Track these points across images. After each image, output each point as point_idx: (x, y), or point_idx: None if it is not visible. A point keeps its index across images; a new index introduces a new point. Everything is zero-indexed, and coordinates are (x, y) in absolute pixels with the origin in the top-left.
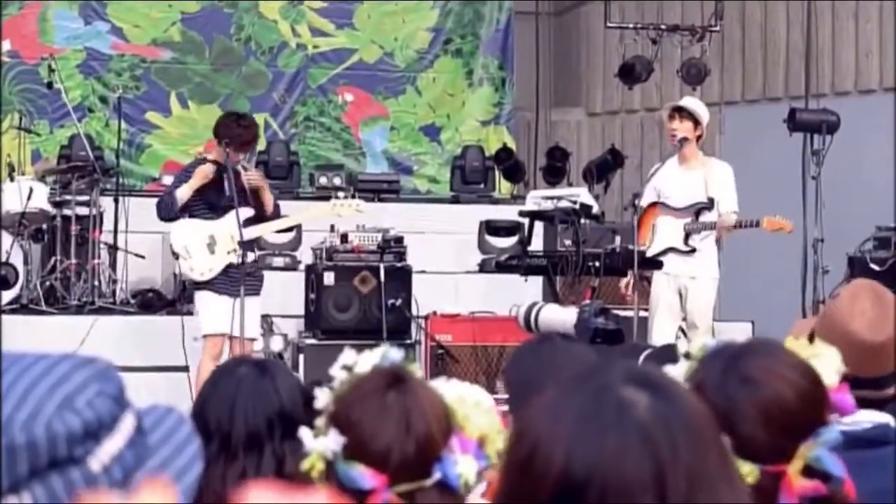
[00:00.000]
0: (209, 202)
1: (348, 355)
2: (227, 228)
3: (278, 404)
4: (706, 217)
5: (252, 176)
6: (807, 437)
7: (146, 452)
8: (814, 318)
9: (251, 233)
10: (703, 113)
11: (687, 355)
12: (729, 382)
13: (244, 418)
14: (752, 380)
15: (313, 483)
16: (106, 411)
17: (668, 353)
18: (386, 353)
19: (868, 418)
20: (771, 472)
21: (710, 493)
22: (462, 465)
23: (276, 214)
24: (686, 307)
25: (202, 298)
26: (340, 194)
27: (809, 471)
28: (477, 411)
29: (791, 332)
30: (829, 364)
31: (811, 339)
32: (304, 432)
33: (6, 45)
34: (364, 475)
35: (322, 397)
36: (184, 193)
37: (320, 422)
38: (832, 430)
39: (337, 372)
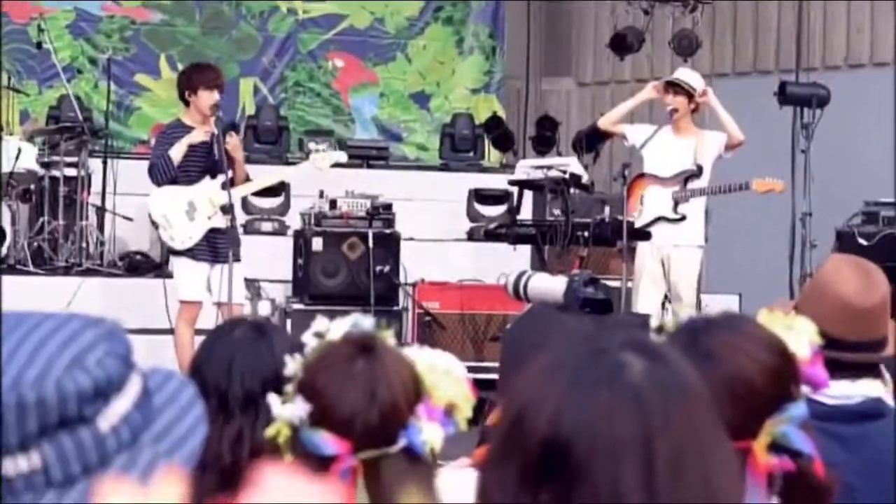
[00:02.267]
0: (192, 166)
1: (320, 322)
2: (206, 193)
3: (274, 366)
4: (694, 184)
5: (233, 143)
6: (772, 412)
7: (152, 414)
8: (792, 301)
9: (234, 194)
10: (696, 84)
11: (660, 329)
12: (692, 357)
13: (241, 379)
14: (715, 355)
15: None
16: (115, 371)
17: (639, 322)
18: (357, 321)
19: (859, 391)
20: (737, 449)
21: (698, 461)
22: (427, 433)
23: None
24: (670, 278)
25: (180, 264)
26: (320, 146)
27: (777, 448)
28: (446, 379)
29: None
30: (802, 336)
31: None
32: (273, 399)
33: None
34: (327, 441)
35: (291, 365)
36: (177, 154)
37: (289, 388)
38: (799, 406)
39: (308, 339)
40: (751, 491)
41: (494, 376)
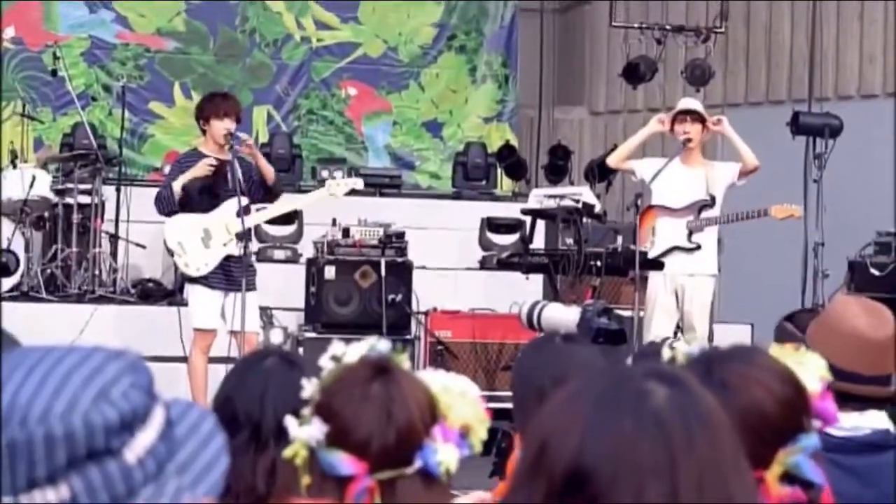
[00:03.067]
0: (207, 193)
1: (337, 346)
2: (222, 219)
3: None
4: (709, 213)
5: (247, 145)
6: (786, 443)
7: (175, 445)
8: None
9: (249, 221)
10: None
11: (671, 361)
12: (707, 388)
13: (274, 409)
14: (730, 385)
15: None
16: (140, 403)
17: (652, 350)
18: (373, 345)
19: (867, 424)
20: None
21: (721, 486)
22: (443, 454)
23: (278, 184)
24: (683, 308)
25: (194, 291)
26: (337, 174)
27: (789, 478)
28: (461, 401)
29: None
30: (813, 371)
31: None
32: (290, 420)
33: (10, 32)
34: (344, 462)
35: (308, 387)
36: (179, 185)
37: (306, 411)
38: (811, 437)
39: (325, 362)
40: None
41: (507, 405)
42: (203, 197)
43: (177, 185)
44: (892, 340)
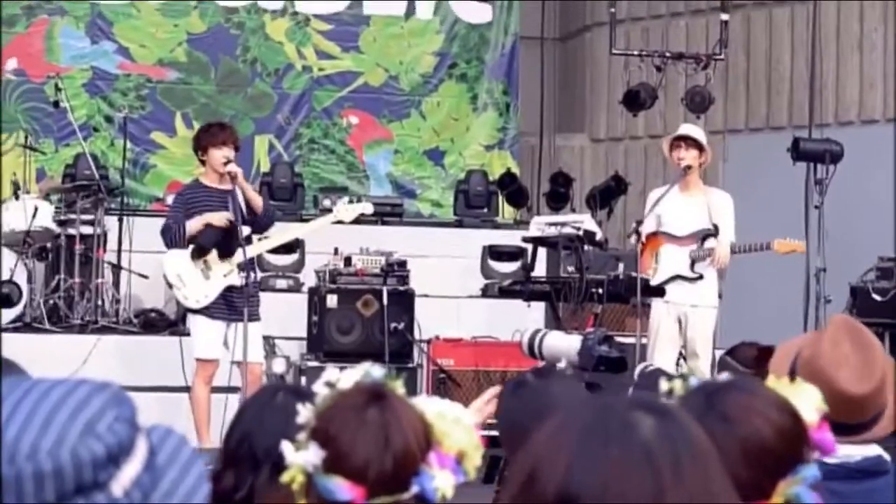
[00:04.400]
0: (210, 230)
1: (331, 372)
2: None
3: None
4: (711, 244)
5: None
6: (786, 474)
7: (157, 473)
8: (795, 343)
9: (251, 251)
10: (703, 138)
11: (670, 392)
12: (708, 419)
13: None
14: (731, 417)
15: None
16: (125, 436)
17: (654, 379)
18: (368, 371)
19: (859, 452)
20: None
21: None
22: (439, 480)
23: (267, 210)
24: (686, 335)
25: (196, 322)
26: (343, 199)
27: None
28: (456, 427)
29: (774, 358)
30: (809, 402)
31: (792, 375)
32: (286, 446)
33: (13, 64)
34: (342, 488)
35: (304, 413)
36: (194, 228)
37: (301, 436)
38: (811, 467)
39: (319, 388)
40: None
41: None
42: (205, 229)
43: (191, 226)
44: (878, 388)
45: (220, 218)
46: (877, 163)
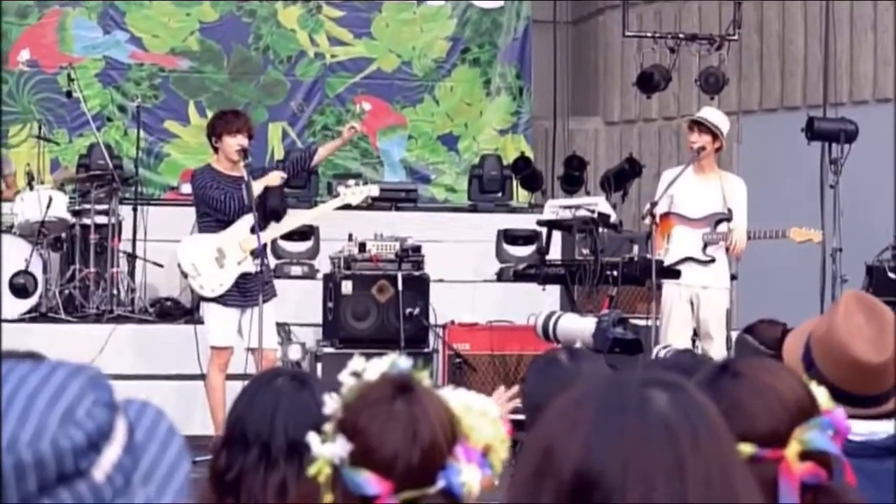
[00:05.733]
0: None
1: (357, 362)
2: (236, 237)
3: (318, 415)
4: (724, 227)
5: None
6: (800, 422)
7: (137, 452)
8: (809, 325)
9: (263, 237)
10: (722, 124)
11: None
12: (720, 379)
13: (284, 428)
14: (744, 374)
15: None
16: (104, 420)
17: (685, 360)
18: (395, 362)
19: (883, 429)
20: (769, 459)
21: (726, 480)
22: (466, 474)
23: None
24: (699, 316)
25: (210, 310)
26: (350, 181)
27: (807, 457)
28: (483, 421)
29: (787, 340)
30: (820, 396)
31: (807, 361)
32: (312, 437)
33: (25, 55)
34: (370, 481)
35: (330, 403)
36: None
37: (328, 427)
38: (824, 418)
39: (346, 378)
40: (785, 498)
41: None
42: (217, 215)
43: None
44: (893, 358)
45: (274, 178)
46: (892, 141)
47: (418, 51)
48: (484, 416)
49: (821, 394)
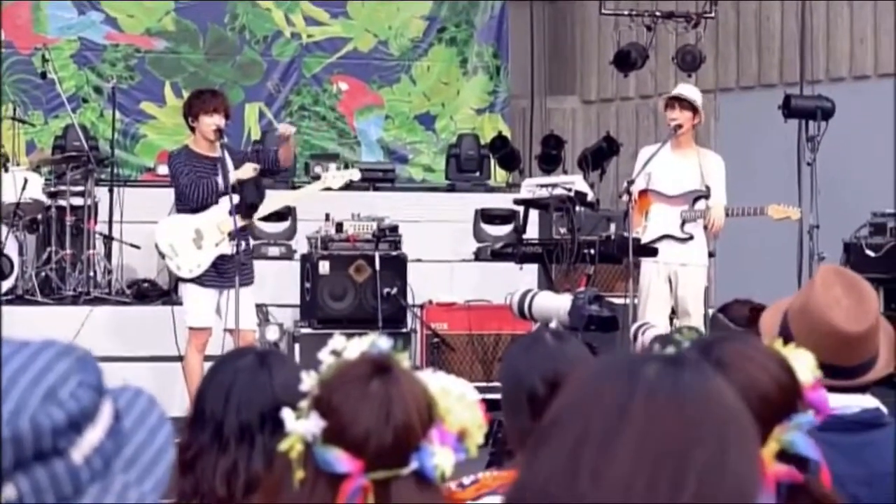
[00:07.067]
0: (247, 185)
1: (338, 340)
2: (214, 219)
3: (272, 397)
4: (702, 205)
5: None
6: (781, 421)
7: (122, 438)
8: (785, 302)
9: (241, 220)
10: (699, 99)
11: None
12: None
13: (237, 409)
14: (727, 364)
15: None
16: (88, 402)
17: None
18: (374, 342)
19: (856, 403)
20: None
21: (740, 459)
22: (439, 457)
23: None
24: (677, 294)
25: (187, 290)
26: (332, 165)
27: (785, 457)
28: (459, 404)
29: (764, 315)
30: (803, 365)
31: (785, 335)
32: (287, 413)
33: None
34: (340, 459)
35: (307, 381)
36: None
37: (303, 404)
38: (806, 415)
39: (325, 356)
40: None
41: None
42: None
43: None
44: (872, 328)
45: (247, 170)
46: (869, 118)
47: (395, 30)
48: (461, 400)
49: (806, 361)
